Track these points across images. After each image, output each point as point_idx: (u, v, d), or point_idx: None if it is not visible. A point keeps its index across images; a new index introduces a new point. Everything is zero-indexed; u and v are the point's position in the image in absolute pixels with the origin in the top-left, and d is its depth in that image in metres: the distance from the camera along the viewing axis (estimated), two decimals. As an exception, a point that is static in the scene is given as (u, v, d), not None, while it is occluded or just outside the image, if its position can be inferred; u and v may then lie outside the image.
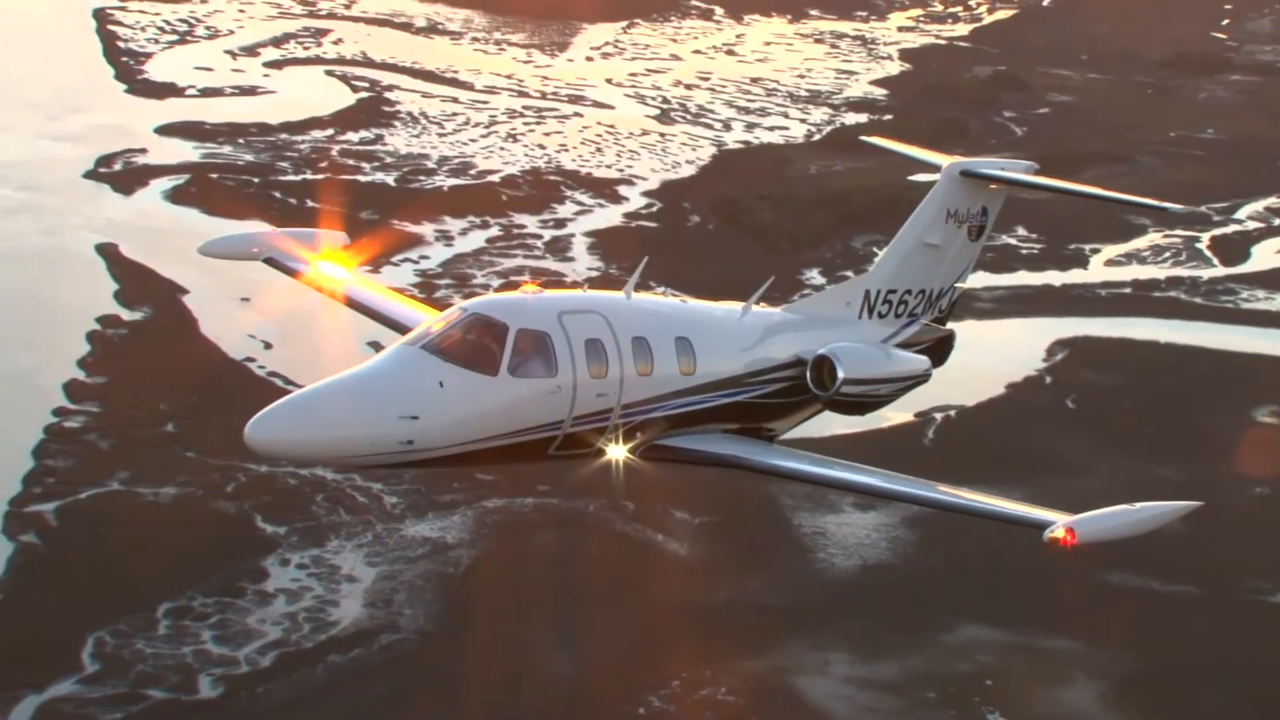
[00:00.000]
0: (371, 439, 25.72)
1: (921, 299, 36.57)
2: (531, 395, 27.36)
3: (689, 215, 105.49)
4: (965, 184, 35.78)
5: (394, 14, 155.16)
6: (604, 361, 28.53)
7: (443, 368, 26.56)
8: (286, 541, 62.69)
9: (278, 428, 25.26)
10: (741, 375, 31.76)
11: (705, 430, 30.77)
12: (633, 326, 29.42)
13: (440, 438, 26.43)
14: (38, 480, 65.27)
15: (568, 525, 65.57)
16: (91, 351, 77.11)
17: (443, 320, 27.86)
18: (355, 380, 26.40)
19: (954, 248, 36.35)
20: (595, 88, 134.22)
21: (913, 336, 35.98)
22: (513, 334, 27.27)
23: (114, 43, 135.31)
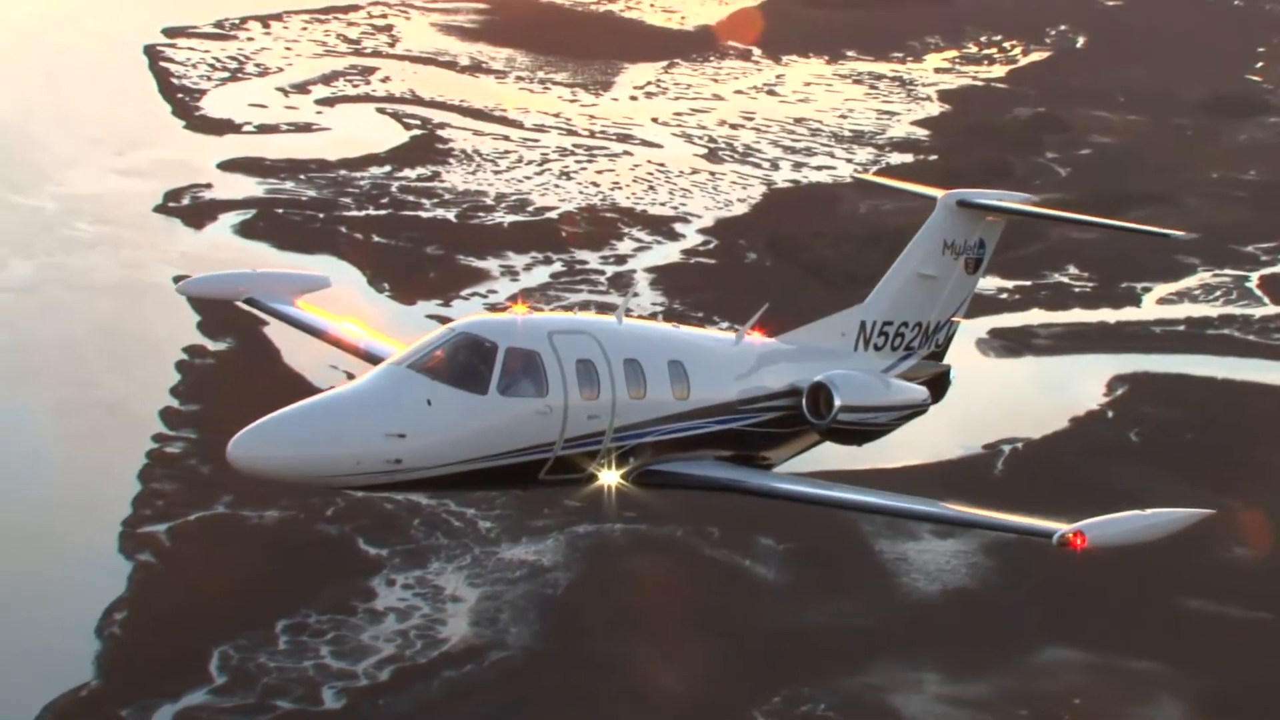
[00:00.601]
0: (358, 457, 25.45)
1: (918, 332, 36.47)
2: (521, 415, 27.22)
3: (745, 252, 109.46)
4: (962, 215, 35.75)
5: (438, 52, 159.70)
6: (596, 383, 28.38)
7: (431, 386, 26.41)
8: (390, 563, 66.31)
9: (261, 445, 25.04)
10: (735, 402, 31.70)
11: (699, 457, 30.76)
12: (625, 349, 29.44)
13: (429, 457, 26.17)
14: (147, 503, 69.02)
15: (657, 550, 69.10)
16: (182, 380, 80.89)
17: (431, 340, 27.80)
18: (341, 398, 26.42)
19: (951, 280, 36.22)
20: (642, 126, 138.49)
21: (909, 371, 35.95)
22: (502, 353, 27.19)
23: (167, 79, 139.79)
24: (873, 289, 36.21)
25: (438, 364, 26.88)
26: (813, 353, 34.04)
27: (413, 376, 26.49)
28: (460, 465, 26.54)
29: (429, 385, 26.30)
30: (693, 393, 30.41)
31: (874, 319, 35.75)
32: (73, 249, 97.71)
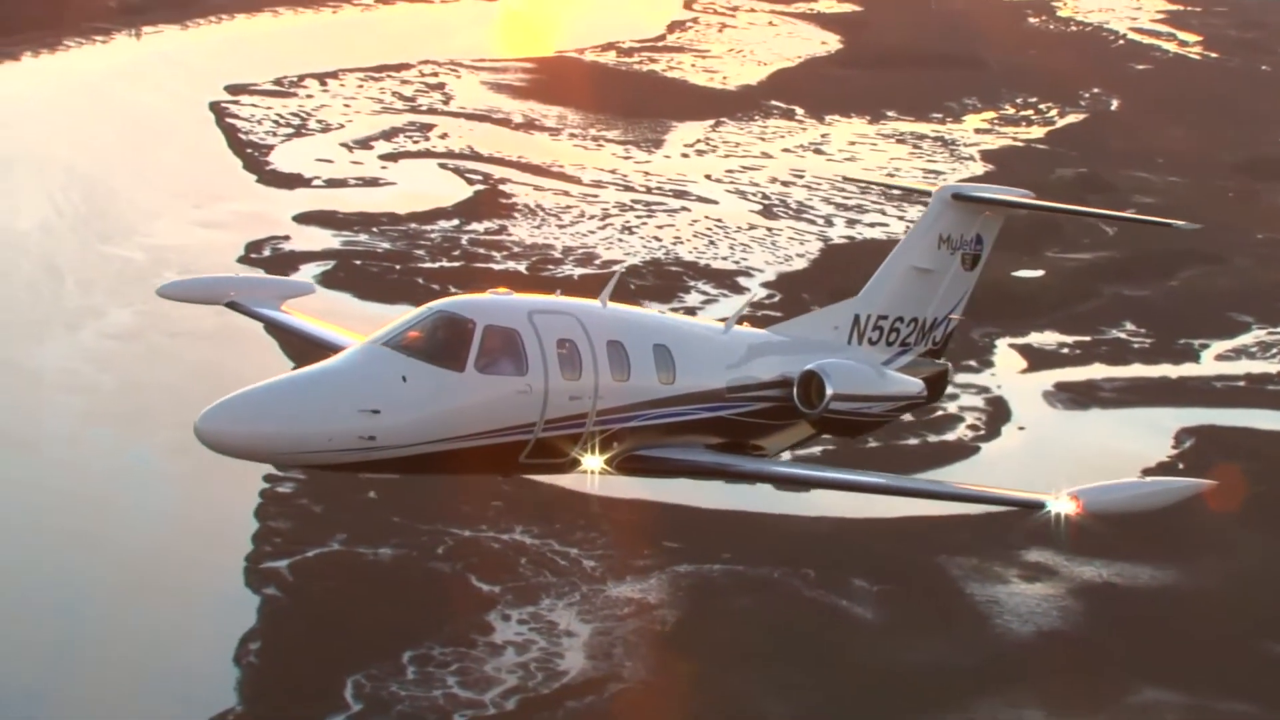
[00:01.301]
0: (330, 434, 24.80)
1: (914, 328, 35.86)
2: (500, 394, 26.59)
3: (810, 306, 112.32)
4: (958, 208, 35.60)
5: (491, 110, 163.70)
6: (577, 364, 27.82)
7: (406, 363, 25.88)
8: (503, 599, 68.99)
9: (229, 421, 24.34)
10: (724, 390, 31.14)
11: (687, 443, 30.36)
12: (608, 331, 28.91)
13: (404, 435, 25.54)
14: (266, 539, 71.85)
15: (757, 590, 71.76)
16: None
17: (408, 319, 27.30)
18: (313, 374, 25.78)
19: (948, 275, 35.99)
20: (696, 183, 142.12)
21: (905, 369, 35.35)
22: (480, 330, 26.63)
23: (235, 135, 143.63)
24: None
25: (414, 341, 26.35)
26: (805, 344, 33.61)
27: (388, 353, 25.98)
28: (436, 445, 25.89)
29: (405, 362, 25.77)
30: (679, 378, 29.85)
31: (868, 313, 35.18)
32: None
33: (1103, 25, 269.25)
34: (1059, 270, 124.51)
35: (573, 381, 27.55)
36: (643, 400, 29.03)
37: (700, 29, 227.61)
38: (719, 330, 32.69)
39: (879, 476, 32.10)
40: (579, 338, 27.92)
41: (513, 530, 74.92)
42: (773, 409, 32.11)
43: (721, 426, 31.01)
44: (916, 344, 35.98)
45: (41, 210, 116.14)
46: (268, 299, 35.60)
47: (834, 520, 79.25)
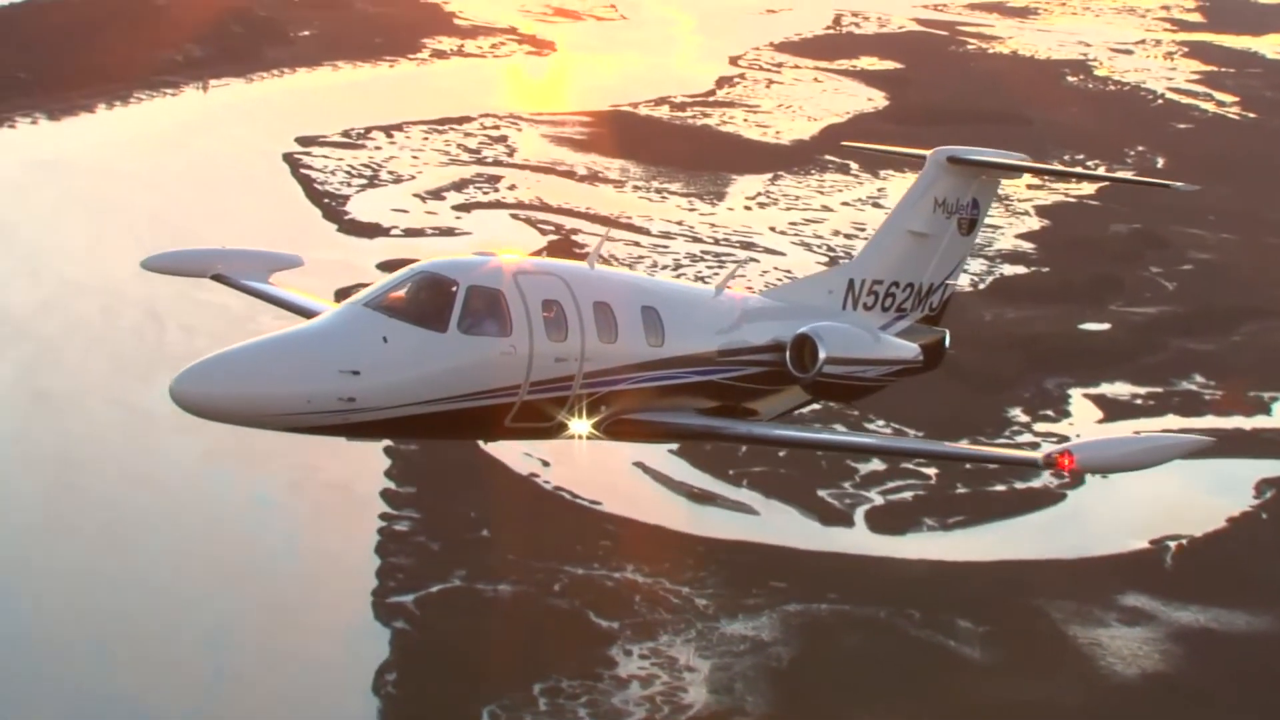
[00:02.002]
0: (309, 395, 24.23)
1: (910, 293, 35.12)
2: (484, 355, 25.98)
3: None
4: (953, 171, 34.90)
5: (554, 162, 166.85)
6: (563, 325, 27.09)
7: (388, 323, 25.31)
8: (622, 635, 71.11)
9: (205, 382, 23.74)
10: (715, 354, 30.36)
11: (677, 407, 29.60)
12: (595, 292, 28.10)
13: (384, 396, 24.93)
14: (390, 575, 74.17)
15: (865, 629, 73.74)
16: (394, 464, 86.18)
17: (391, 279, 26.89)
18: (292, 335, 25.12)
19: (944, 240, 35.08)
20: (762, 235, 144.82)
21: (902, 334, 34.73)
22: (463, 290, 26.03)
23: (311, 185, 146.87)
24: (1010, 393, 36.45)
25: (396, 302, 25.91)
26: (798, 309, 32.79)
27: (369, 314, 25.49)
28: (418, 407, 25.32)
29: (386, 322, 25.28)
30: (668, 341, 29.19)
31: (863, 277, 34.42)
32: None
33: (1140, 85, 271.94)
34: (1124, 324, 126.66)
35: (558, 343, 26.89)
36: (631, 363, 28.40)
37: (748, 84, 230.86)
38: (710, 293, 31.98)
39: (871, 438, 31.61)
40: (565, 299, 27.24)
41: (624, 569, 77.09)
42: (765, 373, 31.38)
43: (712, 390, 30.28)
44: (913, 309, 35.36)
45: (133, 256, 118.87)
46: (255, 271, 34.57)
47: (931, 563, 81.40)
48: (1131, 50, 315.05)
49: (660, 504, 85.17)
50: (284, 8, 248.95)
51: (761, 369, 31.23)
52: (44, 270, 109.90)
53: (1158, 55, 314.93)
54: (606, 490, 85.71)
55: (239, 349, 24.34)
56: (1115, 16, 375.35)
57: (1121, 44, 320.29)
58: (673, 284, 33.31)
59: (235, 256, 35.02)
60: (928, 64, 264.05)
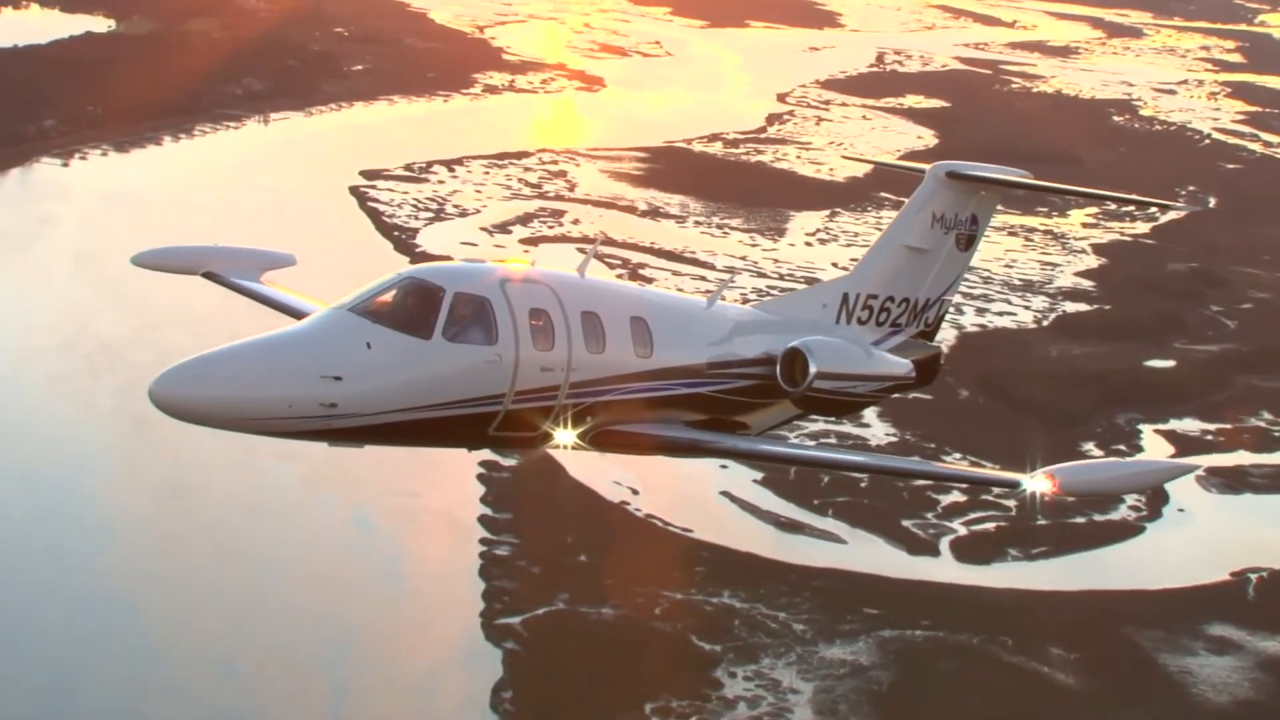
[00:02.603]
0: (290, 400, 24.24)
1: (905, 308, 34.71)
2: (468, 363, 25.95)
3: (957, 390, 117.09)
4: (952, 186, 34.30)
5: (615, 197, 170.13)
6: (550, 335, 27.00)
7: (372, 329, 25.26)
8: (725, 658, 73.45)
9: (186, 384, 23.71)
10: (704, 366, 30.23)
11: (665, 420, 29.38)
12: (583, 302, 27.92)
13: (367, 403, 24.92)
14: (495, 598, 76.71)
15: (959, 655, 75.93)
16: (488, 491, 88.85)
17: (377, 284, 26.58)
18: (275, 339, 25.06)
19: (941, 255, 34.69)
20: (825, 270, 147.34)
21: (897, 350, 34.33)
22: (449, 297, 25.95)
23: (380, 218, 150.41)
24: (1084, 428, 35.08)
25: (382, 308, 25.86)
26: (791, 322, 32.74)
27: (354, 319, 25.43)
28: (401, 414, 25.35)
29: (370, 328, 25.28)
30: (656, 352, 29.11)
31: (858, 291, 34.16)
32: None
33: (1186, 125, 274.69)
34: (1189, 361, 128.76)
35: (545, 352, 26.84)
36: (618, 374, 28.25)
37: (798, 121, 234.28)
38: (701, 305, 31.80)
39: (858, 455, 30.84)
40: (553, 308, 27.12)
41: (721, 594, 79.51)
42: (755, 387, 31.12)
43: (701, 403, 30.14)
44: (908, 325, 34.81)
45: (218, 290, 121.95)
46: (247, 270, 34.12)
47: (1019, 591, 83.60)
48: (1175, 90, 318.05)
49: (749, 532, 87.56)
50: (336, 42, 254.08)
51: (752, 382, 30.99)
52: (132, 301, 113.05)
53: (1201, 95, 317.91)
54: (695, 518, 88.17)
55: (220, 351, 24.24)
56: (1156, 57, 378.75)
57: (1165, 84, 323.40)
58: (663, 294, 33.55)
59: (227, 254, 34.61)
60: (974, 102, 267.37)
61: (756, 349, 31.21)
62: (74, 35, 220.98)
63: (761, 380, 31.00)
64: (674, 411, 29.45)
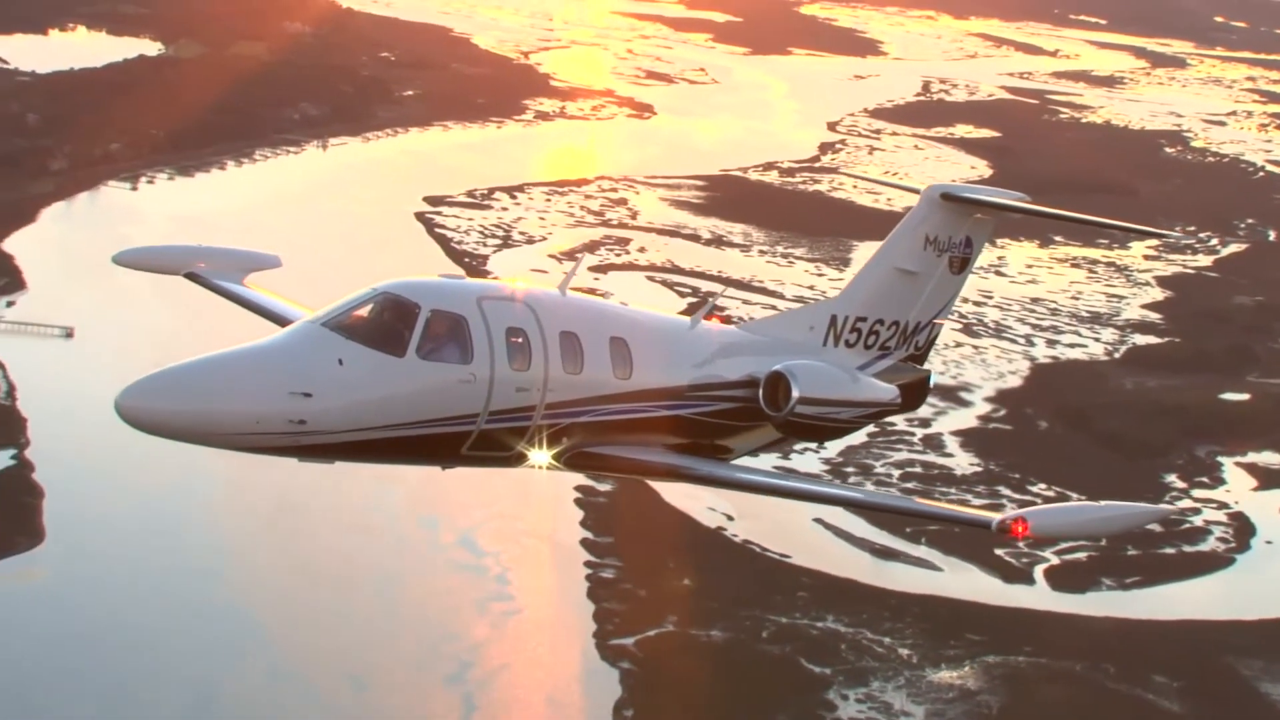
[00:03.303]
0: (258, 415, 24.37)
1: (895, 331, 34.65)
2: (442, 382, 25.98)
3: (1036, 421, 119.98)
4: (946, 209, 34.29)
5: (678, 226, 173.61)
6: (527, 354, 27.02)
7: (344, 345, 25.35)
8: (835, 680, 76.29)
9: (152, 397, 23.86)
10: (685, 388, 30.21)
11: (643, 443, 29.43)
12: (562, 321, 28.00)
13: (336, 420, 25.04)
14: (607, 620, 79.78)
15: (1063, 681, 78.61)
16: (587, 515, 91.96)
17: (352, 299, 26.50)
18: (245, 353, 25.13)
19: (934, 278, 34.70)
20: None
21: (885, 373, 34.24)
22: (425, 315, 25.94)
23: (449, 245, 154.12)
24: (1163, 460, 34.43)
25: (355, 323, 25.84)
26: (777, 344, 32.62)
27: (326, 334, 25.52)
28: (372, 432, 25.48)
29: (342, 344, 25.33)
30: (635, 374, 29.09)
31: (846, 314, 34.04)
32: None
33: (1239, 157, 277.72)
34: (1265, 394, 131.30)
35: (521, 372, 26.81)
36: (595, 395, 28.24)
37: (850, 150, 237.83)
38: (684, 325, 31.50)
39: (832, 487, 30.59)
40: (530, 327, 27.13)
41: (824, 618, 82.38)
42: (737, 410, 30.94)
43: (681, 426, 30.06)
44: (897, 348, 34.64)
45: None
46: (230, 271, 33.88)
47: (1117, 620, 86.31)
48: (1224, 122, 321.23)
49: (845, 558, 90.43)
50: (385, 67, 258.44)
51: (734, 405, 30.79)
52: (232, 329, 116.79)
53: (1251, 127, 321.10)
54: (791, 544, 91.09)
55: (188, 364, 24.39)
56: (1202, 87, 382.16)
57: (1213, 115, 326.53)
58: (645, 314, 31.66)
59: (211, 255, 34.35)
60: (1023, 132, 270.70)
61: (739, 371, 30.98)
62: (127, 59, 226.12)
63: (744, 403, 30.82)
64: (653, 434, 29.45)
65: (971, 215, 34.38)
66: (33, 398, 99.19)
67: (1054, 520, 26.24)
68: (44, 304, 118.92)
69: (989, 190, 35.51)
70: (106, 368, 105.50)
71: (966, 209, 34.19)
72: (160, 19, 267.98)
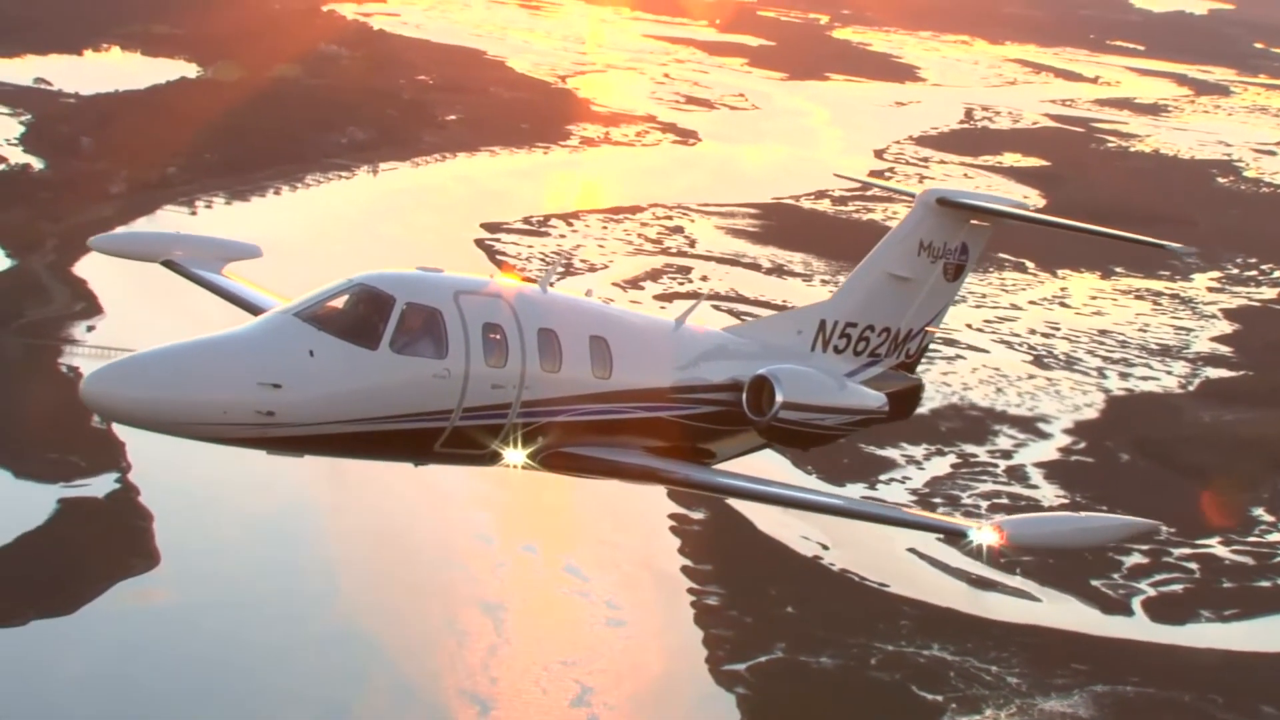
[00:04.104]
0: (225, 405, 24.49)
1: (886, 338, 34.53)
2: (415, 376, 26.10)
3: (1117, 454, 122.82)
4: (942, 214, 34.25)
5: (737, 254, 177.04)
6: (504, 351, 27.09)
7: (316, 336, 25.44)
8: (949, 708, 79.16)
9: (117, 384, 23.99)
10: (666, 390, 30.27)
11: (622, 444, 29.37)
12: (541, 318, 28.09)
13: (306, 412, 25.16)
14: (717, 646, 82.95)
15: (1172, 711, 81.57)
16: (684, 543, 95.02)
17: (326, 289, 26.71)
18: (214, 342, 25.26)
19: (927, 285, 34.64)
20: (960, 331, 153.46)
21: (874, 381, 34.09)
22: (399, 307, 26.08)
23: (513, 272, 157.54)
24: (1250, 494, 34.46)
25: (328, 314, 26.01)
26: (762, 348, 32.70)
27: (298, 325, 25.67)
28: (342, 425, 25.61)
29: (314, 335, 25.47)
30: (615, 373, 29.16)
31: (836, 319, 34.05)
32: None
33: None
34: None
35: (497, 369, 26.99)
36: (574, 394, 28.41)
37: (900, 179, 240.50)
38: (668, 326, 31.78)
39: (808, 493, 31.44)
40: (508, 323, 27.32)
41: (930, 646, 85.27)
42: (720, 414, 31.10)
43: (661, 428, 30.17)
44: (888, 355, 34.65)
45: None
46: (209, 260, 34.05)
47: (1220, 651, 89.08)
48: (1275, 151, 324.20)
49: (943, 587, 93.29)
50: (425, 91, 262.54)
51: (716, 409, 31.00)
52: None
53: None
54: (888, 573, 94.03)
55: (156, 351, 24.72)
56: (1249, 116, 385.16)
57: (1263, 145, 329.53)
58: (628, 314, 32.18)
59: (190, 243, 34.69)
60: (1072, 161, 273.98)
61: (723, 374, 31.23)
62: (170, 81, 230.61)
63: (726, 407, 31.03)
64: (632, 436, 29.49)
65: (968, 221, 34.51)
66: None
67: (1031, 530, 26.67)
68: (121, 328, 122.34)
69: (986, 196, 36.15)
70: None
71: (963, 214, 34.37)
72: (192, 40, 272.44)
